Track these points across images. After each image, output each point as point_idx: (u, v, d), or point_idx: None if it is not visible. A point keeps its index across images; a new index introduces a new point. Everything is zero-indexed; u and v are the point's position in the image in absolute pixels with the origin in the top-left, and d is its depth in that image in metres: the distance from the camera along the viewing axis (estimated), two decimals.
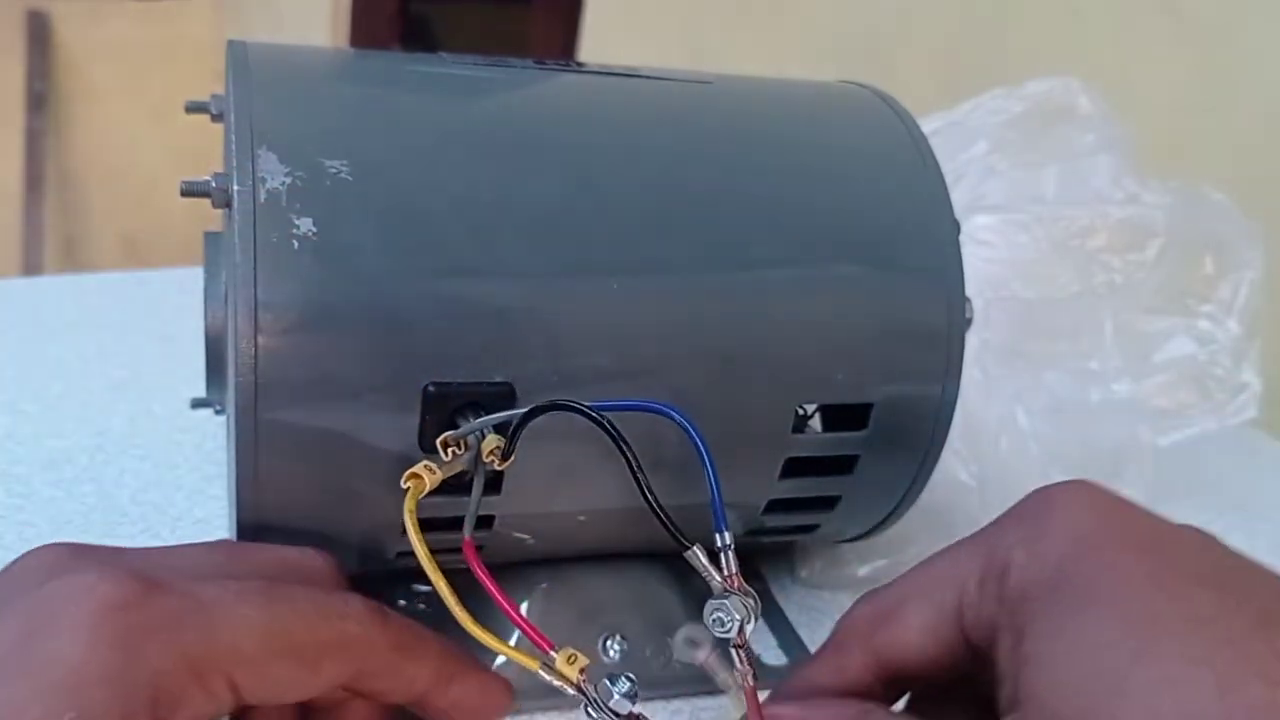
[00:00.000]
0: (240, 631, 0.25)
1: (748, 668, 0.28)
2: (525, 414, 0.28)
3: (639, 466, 0.27)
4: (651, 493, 0.27)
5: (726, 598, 0.27)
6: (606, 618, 0.36)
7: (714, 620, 0.27)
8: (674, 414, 0.28)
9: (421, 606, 0.37)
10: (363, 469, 0.30)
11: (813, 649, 0.31)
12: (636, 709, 0.26)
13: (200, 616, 0.24)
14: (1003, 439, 0.45)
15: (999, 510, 0.26)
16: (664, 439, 0.29)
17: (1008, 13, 0.90)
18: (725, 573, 0.27)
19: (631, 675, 0.26)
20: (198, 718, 0.24)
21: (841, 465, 0.35)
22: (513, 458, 0.29)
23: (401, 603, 0.38)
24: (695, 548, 0.27)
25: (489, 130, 0.32)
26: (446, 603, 0.26)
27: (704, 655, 0.30)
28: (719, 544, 0.28)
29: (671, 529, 0.27)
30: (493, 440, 0.29)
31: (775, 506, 0.36)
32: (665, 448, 0.29)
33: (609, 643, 0.36)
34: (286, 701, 0.27)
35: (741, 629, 0.27)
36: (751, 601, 0.27)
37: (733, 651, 0.28)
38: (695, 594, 0.38)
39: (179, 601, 0.24)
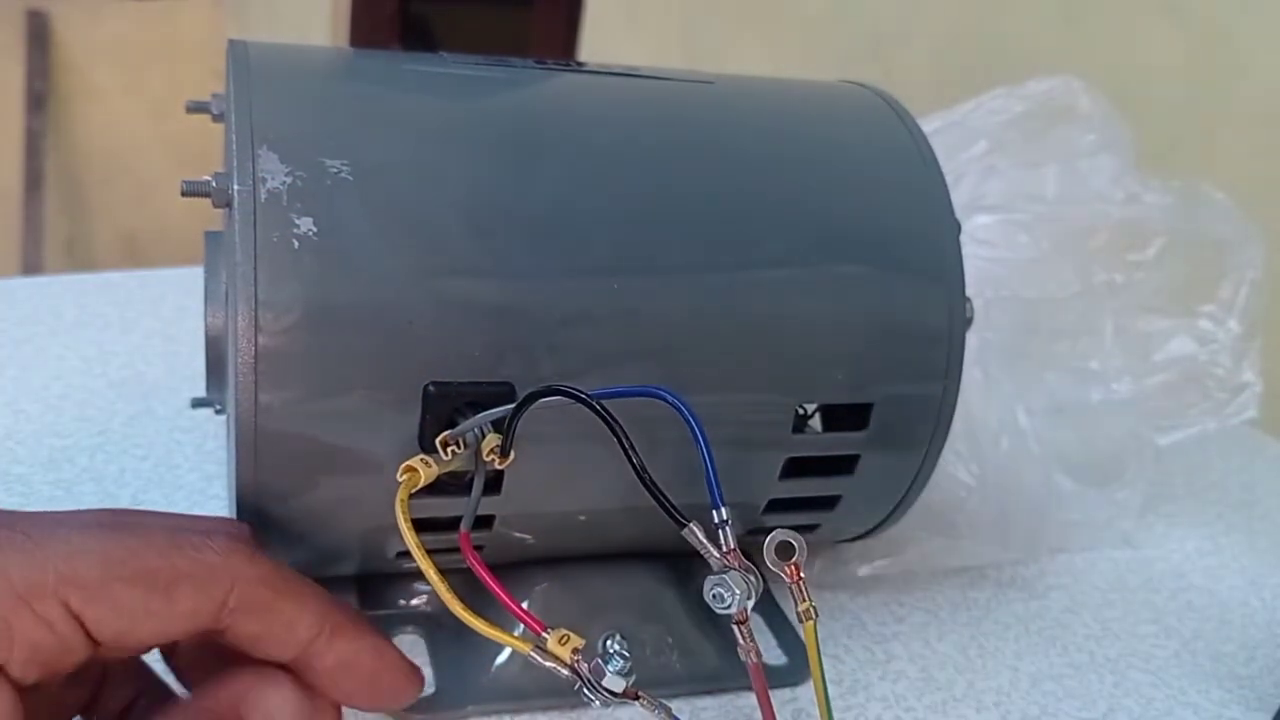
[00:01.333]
0: (76, 557, 0.24)
1: (752, 644, 0.27)
2: (519, 403, 0.28)
3: (631, 445, 0.27)
4: (645, 470, 0.27)
5: (725, 573, 0.27)
6: (606, 618, 0.36)
7: (714, 596, 0.27)
8: (664, 394, 0.28)
9: (422, 603, 0.38)
10: (362, 469, 0.30)
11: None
12: (632, 688, 0.25)
13: (28, 544, 0.24)
14: (1003, 439, 0.45)
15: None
16: (662, 439, 0.29)
17: (1007, 13, 0.90)
18: (723, 549, 0.27)
19: (626, 653, 0.26)
20: (40, 648, 0.24)
21: (841, 465, 0.36)
22: (512, 455, 0.29)
23: (401, 602, 0.38)
24: (692, 524, 0.27)
25: (489, 130, 0.32)
26: (436, 589, 0.26)
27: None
28: (715, 520, 0.27)
29: (667, 505, 0.27)
30: (492, 439, 0.29)
31: (775, 506, 0.36)
32: (664, 446, 0.29)
33: (609, 643, 0.36)
34: (150, 639, 0.26)
35: (743, 605, 0.27)
36: (753, 578, 0.27)
37: (735, 629, 0.27)
38: (695, 594, 0.38)
39: (3, 535, 0.24)
